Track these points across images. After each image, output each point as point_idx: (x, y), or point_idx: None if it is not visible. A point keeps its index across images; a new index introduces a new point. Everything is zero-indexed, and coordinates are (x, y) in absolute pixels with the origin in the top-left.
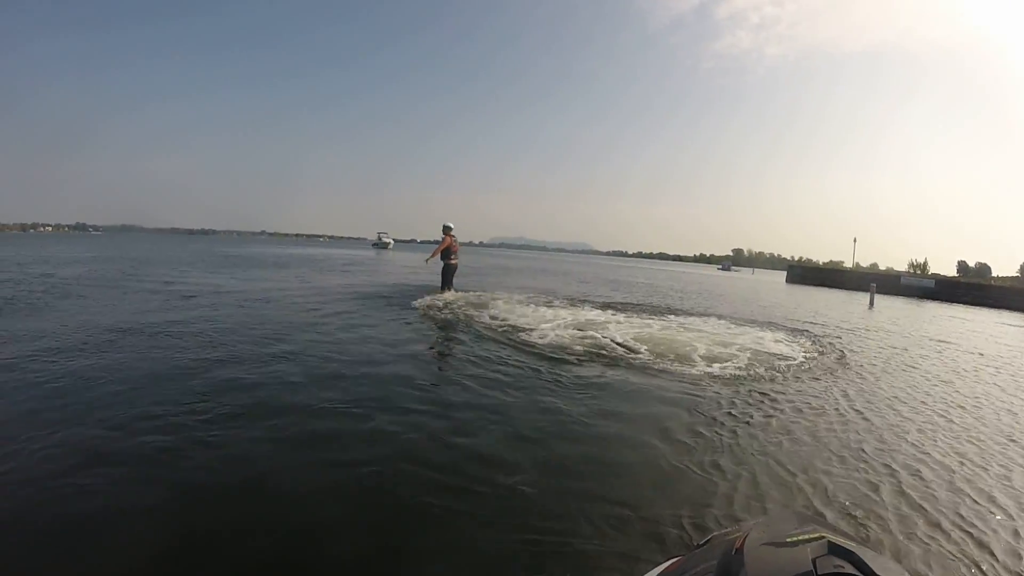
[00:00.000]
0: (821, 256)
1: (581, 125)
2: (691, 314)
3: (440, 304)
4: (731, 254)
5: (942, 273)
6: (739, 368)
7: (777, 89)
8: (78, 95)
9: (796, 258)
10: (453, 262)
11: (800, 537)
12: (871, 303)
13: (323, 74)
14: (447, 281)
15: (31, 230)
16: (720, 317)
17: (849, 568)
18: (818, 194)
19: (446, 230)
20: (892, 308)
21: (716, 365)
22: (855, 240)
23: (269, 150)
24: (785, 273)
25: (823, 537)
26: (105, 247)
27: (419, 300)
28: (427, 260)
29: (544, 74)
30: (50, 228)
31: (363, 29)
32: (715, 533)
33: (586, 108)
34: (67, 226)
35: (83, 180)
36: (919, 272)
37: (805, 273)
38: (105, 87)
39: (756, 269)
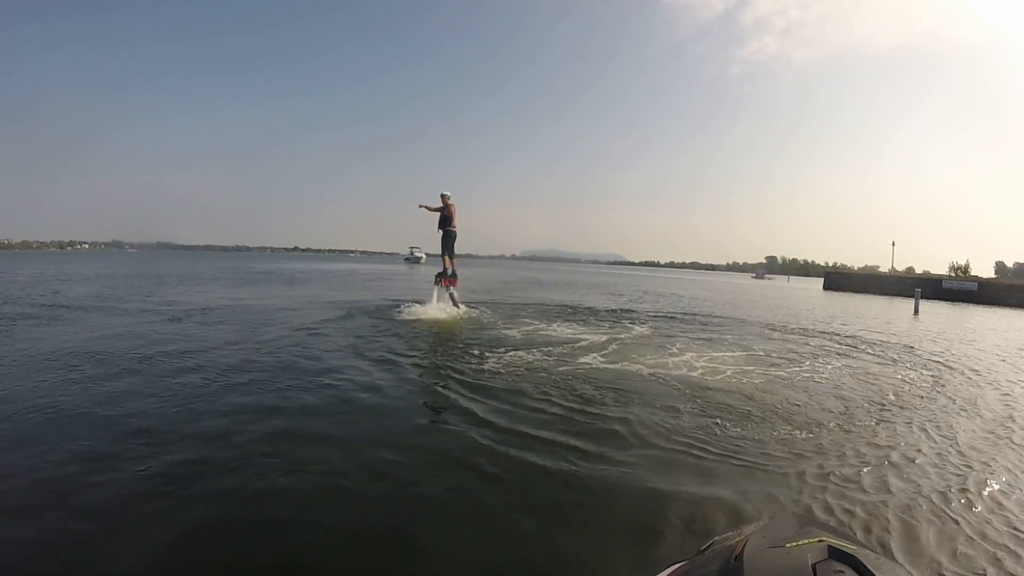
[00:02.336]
0: (855, 261)
1: (608, 137)
2: (740, 325)
3: (439, 312)
4: (764, 262)
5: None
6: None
7: (805, 93)
8: (114, 112)
9: (830, 264)
10: (452, 228)
11: (800, 542)
12: (916, 309)
13: (354, 90)
14: (447, 247)
15: (68, 248)
16: (774, 329)
17: (850, 573)
18: (850, 198)
19: (443, 198)
20: (940, 314)
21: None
22: (893, 244)
23: (303, 168)
24: (822, 280)
25: (823, 541)
26: (135, 264)
27: (411, 308)
28: (421, 206)
29: (571, 87)
30: (87, 246)
31: (392, 47)
32: (716, 538)
33: (615, 119)
34: (103, 244)
35: (120, 199)
36: (960, 275)
37: (843, 280)
38: (140, 104)
39: (791, 277)
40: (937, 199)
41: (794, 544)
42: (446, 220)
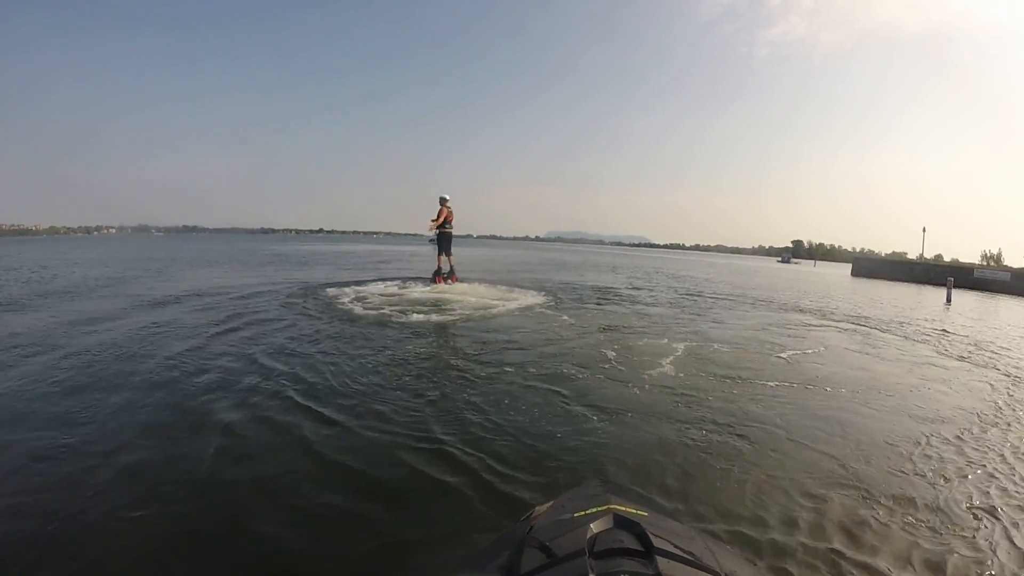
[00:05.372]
0: (883, 247)
1: (635, 118)
2: (769, 311)
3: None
4: (790, 246)
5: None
6: None
7: (831, 76)
8: (147, 98)
9: (858, 249)
10: (448, 231)
11: (589, 511)
12: (948, 298)
13: (376, 71)
14: (444, 248)
15: (95, 232)
16: (803, 311)
17: (629, 541)
18: (877, 183)
19: (442, 201)
20: (975, 304)
21: None
22: (924, 230)
23: (330, 151)
24: (849, 266)
25: (611, 510)
26: (156, 248)
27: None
28: (430, 228)
29: (596, 68)
30: (114, 230)
31: (413, 28)
32: (535, 508)
33: (640, 100)
34: (131, 228)
35: (149, 184)
36: (993, 263)
37: (872, 266)
38: (169, 89)
39: (817, 261)
40: (965, 185)
41: (582, 513)
42: (444, 222)
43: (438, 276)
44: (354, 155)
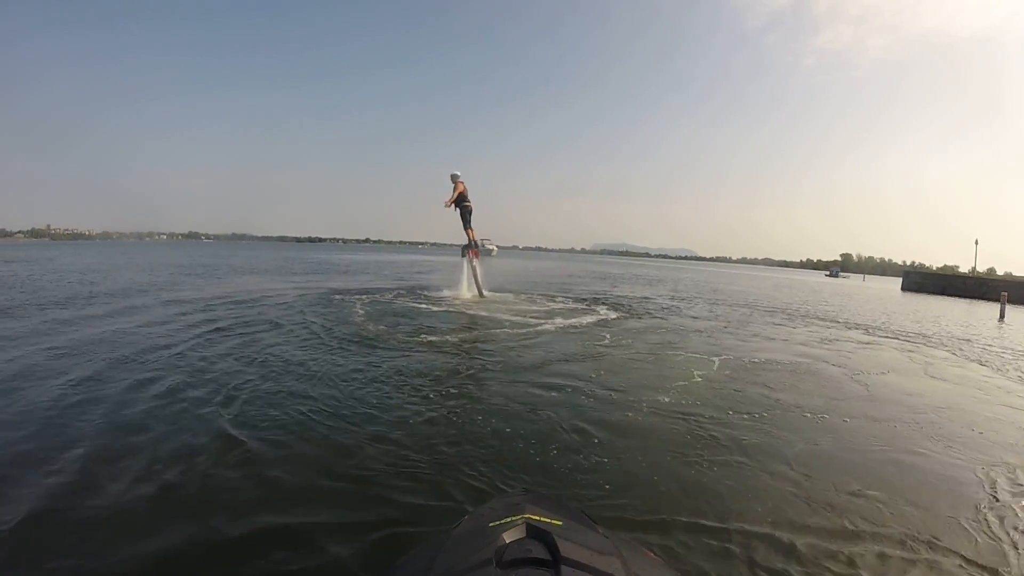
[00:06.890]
0: (933, 260)
1: (699, 128)
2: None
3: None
4: (839, 259)
5: None
6: None
7: (881, 83)
8: (199, 110)
9: (908, 262)
10: (467, 204)
11: (504, 520)
12: (1001, 315)
13: (395, 73)
14: (467, 221)
15: (146, 238)
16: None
17: (537, 551)
18: (930, 192)
19: (454, 178)
20: None
21: None
22: (976, 242)
23: (374, 161)
24: (900, 280)
25: (526, 519)
26: (201, 254)
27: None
28: (446, 205)
29: (633, 77)
30: (164, 237)
31: (433, 31)
32: (463, 518)
33: (678, 108)
34: (180, 235)
35: (199, 191)
36: None
37: (923, 280)
38: (218, 104)
39: (866, 276)
40: (1019, 195)
41: (497, 523)
42: (462, 197)
43: (471, 250)
44: (404, 165)
